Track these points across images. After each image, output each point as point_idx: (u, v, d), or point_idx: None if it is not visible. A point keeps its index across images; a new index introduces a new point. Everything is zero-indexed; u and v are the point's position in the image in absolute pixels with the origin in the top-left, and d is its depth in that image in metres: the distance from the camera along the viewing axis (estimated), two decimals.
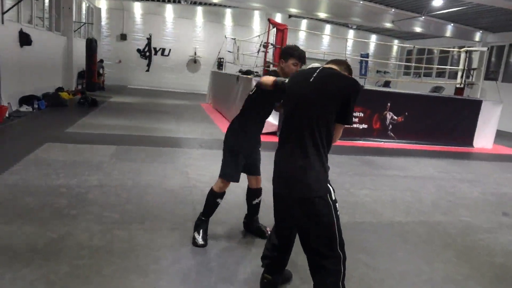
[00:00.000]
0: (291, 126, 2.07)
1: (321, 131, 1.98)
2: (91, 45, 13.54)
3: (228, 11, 19.02)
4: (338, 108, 1.98)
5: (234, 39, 13.28)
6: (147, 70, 18.74)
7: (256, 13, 19.21)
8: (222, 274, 2.67)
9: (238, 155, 3.10)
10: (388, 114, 9.21)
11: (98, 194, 3.92)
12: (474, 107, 9.85)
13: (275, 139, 2.56)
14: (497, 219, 4.41)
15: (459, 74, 10.28)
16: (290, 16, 17.45)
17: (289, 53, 2.86)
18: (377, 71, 20.75)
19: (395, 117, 9.24)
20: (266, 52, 8.79)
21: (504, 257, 3.41)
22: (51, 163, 4.82)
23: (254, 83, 8.42)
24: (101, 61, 16.38)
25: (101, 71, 15.44)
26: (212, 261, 2.84)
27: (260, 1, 13.65)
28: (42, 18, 11.11)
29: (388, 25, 15.42)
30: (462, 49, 10.50)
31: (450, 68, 14.68)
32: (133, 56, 18.51)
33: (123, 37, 18.14)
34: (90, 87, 13.60)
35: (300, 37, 19.88)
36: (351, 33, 20.48)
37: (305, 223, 2.05)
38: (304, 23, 19.64)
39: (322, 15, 14.66)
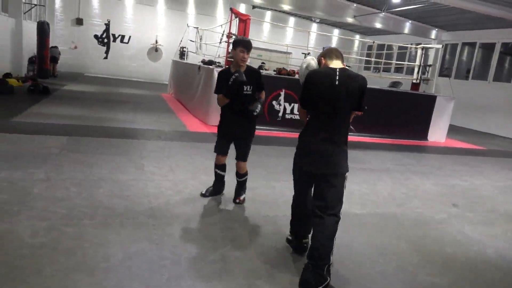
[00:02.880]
0: (322, 118, 2.67)
1: (345, 121, 2.67)
2: (43, 29, 12.72)
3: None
4: (354, 100, 2.63)
5: (197, 28, 12.97)
6: (105, 58, 17.93)
7: (220, 2, 18.89)
8: (175, 271, 2.57)
9: (218, 133, 3.92)
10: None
11: (44, 189, 3.66)
12: (429, 102, 10.27)
13: None
14: (447, 210, 4.60)
15: (416, 70, 10.64)
16: (254, 7, 17.30)
17: (236, 43, 3.64)
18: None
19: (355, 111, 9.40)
20: (228, 43, 8.62)
21: (453, 247, 3.54)
22: None
23: (215, 73, 8.26)
24: (56, 47, 15.48)
25: (57, 56, 14.61)
26: (165, 258, 2.73)
27: None
28: None
29: (350, 20, 15.66)
30: (418, 46, 10.85)
31: (407, 64, 15.18)
32: (90, 42, 17.62)
33: (79, 21, 17.22)
34: (42, 74, 12.81)
35: (264, 29, 19.79)
36: (314, 27, 20.65)
37: (323, 191, 2.66)
38: (268, 15, 19.56)
39: (286, 7, 14.63)
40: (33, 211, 3.16)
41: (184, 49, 16.54)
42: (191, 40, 13.92)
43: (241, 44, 3.56)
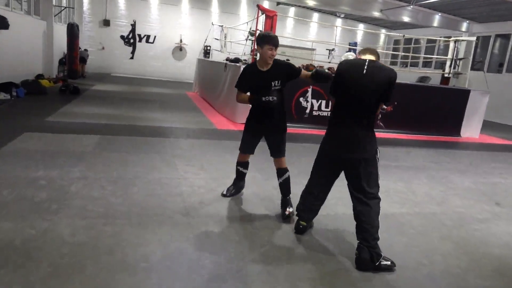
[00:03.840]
0: (351, 107, 2.77)
1: (372, 110, 2.75)
2: (73, 31, 13.02)
3: None
4: (382, 91, 2.71)
5: (222, 26, 12.97)
6: (131, 58, 18.24)
7: (244, 0, 18.84)
8: (215, 271, 2.53)
9: (245, 129, 3.70)
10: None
11: (81, 187, 3.70)
12: (462, 97, 9.87)
13: None
14: (490, 209, 4.38)
15: (448, 63, 10.26)
16: (278, 3, 17.15)
17: (263, 39, 3.31)
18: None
19: (385, 107, 9.17)
20: (254, 40, 8.55)
21: (500, 248, 3.35)
22: (30, 154, 4.56)
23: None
24: (85, 50, 15.86)
25: (86, 57, 14.97)
26: (204, 258, 2.69)
27: None
28: (20, 1, 10.60)
29: (376, 14, 15.29)
30: (451, 39, 10.46)
31: (436, 58, 14.70)
32: (116, 43, 17.96)
33: (106, 23, 17.57)
34: (71, 75, 13.13)
35: (287, 26, 19.63)
36: (338, 22, 20.31)
37: (358, 175, 2.79)
38: (292, 10, 19.38)
39: (311, 2, 14.42)
40: (72, 210, 3.19)
41: (208, 47, 16.61)
42: (215, 39, 13.94)
43: (269, 41, 3.29)
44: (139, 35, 18.15)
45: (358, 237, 2.80)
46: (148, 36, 18.27)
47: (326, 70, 3.63)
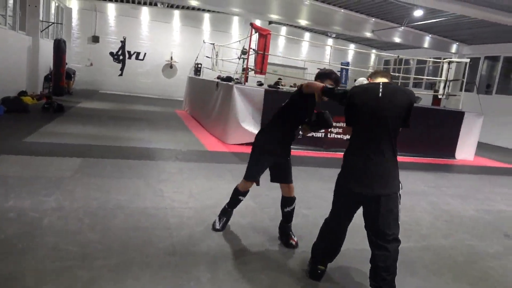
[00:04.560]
0: (368, 135, 2.48)
1: (394, 136, 2.46)
2: (59, 46, 12.68)
3: (207, 16, 18.52)
4: (404, 115, 2.46)
5: (213, 44, 12.78)
6: (120, 75, 17.90)
7: (235, 19, 18.80)
8: None
9: (262, 155, 3.31)
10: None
11: (55, 220, 3.31)
12: (457, 118, 9.75)
13: None
14: (500, 242, 4.09)
15: (441, 85, 10.17)
16: (270, 22, 17.14)
17: (326, 76, 3.10)
18: (355, 80, 20.76)
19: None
20: (248, 58, 8.34)
21: None
22: (1, 180, 4.15)
23: (235, 91, 7.95)
24: (69, 68, 15.49)
25: (72, 75, 14.60)
26: None
27: (240, 6, 13.24)
28: (5, 15, 10.26)
29: (368, 34, 15.33)
30: (444, 60, 10.41)
31: (429, 79, 14.71)
32: (105, 60, 17.63)
33: (95, 39, 17.27)
34: (57, 91, 12.71)
35: (279, 45, 19.61)
36: (330, 42, 20.38)
37: (378, 215, 2.46)
38: (283, 30, 19.39)
39: (303, 22, 14.39)
40: (41, 250, 2.79)
41: (199, 65, 16.40)
42: (207, 56, 13.74)
43: (332, 78, 3.07)
44: (129, 52, 17.88)
45: (372, 284, 2.48)
46: (138, 53, 18.00)
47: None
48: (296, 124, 3.28)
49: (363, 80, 2.84)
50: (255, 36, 8.50)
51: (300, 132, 3.38)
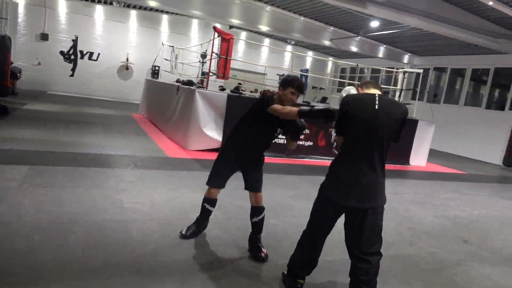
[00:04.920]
0: (361, 146, 2.40)
1: (385, 149, 2.42)
2: (4, 43, 11.69)
3: (165, 18, 18.04)
4: (398, 129, 2.44)
5: (173, 46, 12.44)
6: (72, 75, 16.93)
7: (195, 22, 18.48)
8: None
9: (221, 159, 3.28)
10: (333, 131, 9.05)
11: (1, 238, 2.94)
12: (411, 126, 10.16)
13: None
14: (460, 249, 4.23)
15: (397, 94, 10.58)
16: (231, 27, 17.02)
17: (288, 83, 3.02)
18: (313, 87, 21.18)
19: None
20: (210, 62, 8.16)
21: None
22: None
23: (197, 95, 7.71)
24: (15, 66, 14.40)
25: (18, 74, 13.55)
26: None
27: (201, 9, 13.01)
28: None
29: (326, 43, 15.70)
30: (400, 70, 10.85)
31: (387, 88, 15.28)
32: (55, 59, 16.58)
33: (44, 37, 16.20)
34: (1, 92, 11.72)
35: (239, 50, 19.54)
36: (289, 49, 20.64)
37: (363, 228, 2.41)
38: (243, 35, 19.36)
39: (264, 28, 14.43)
40: None
41: (157, 68, 15.92)
42: (166, 59, 13.36)
43: (294, 86, 3.01)
44: (81, 52, 16.96)
45: None
46: (92, 53, 17.12)
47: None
48: (262, 131, 3.18)
49: (350, 89, 2.75)
50: (218, 40, 8.34)
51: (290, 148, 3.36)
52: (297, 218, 4.34)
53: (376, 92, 2.54)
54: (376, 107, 2.39)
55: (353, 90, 2.72)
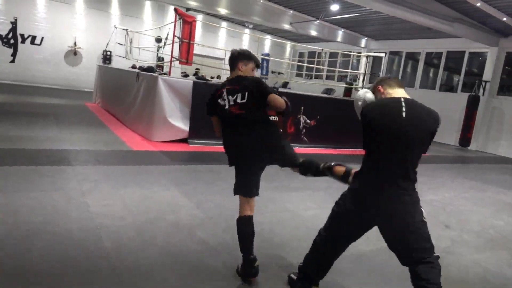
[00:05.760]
0: (389, 159, 2.10)
1: (415, 162, 2.12)
2: None
3: None
4: (430, 139, 2.14)
5: (126, 30, 11.60)
6: (12, 61, 15.41)
7: (148, 3, 17.45)
8: None
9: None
10: (301, 117, 8.91)
11: None
12: None
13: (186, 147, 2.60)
14: (444, 234, 4.22)
15: (361, 78, 10.62)
16: (187, 9, 16.22)
17: (250, 57, 2.87)
18: (272, 72, 21.01)
19: (308, 121, 9.00)
20: (172, 46, 7.61)
21: (481, 284, 3.09)
22: None
23: (160, 83, 7.18)
24: None
25: None
26: None
27: None
28: None
29: (286, 26, 15.46)
30: (362, 54, 10.88)
31: (351, 72, 15.35)
32: None
33: None
34: None
35: (196, 34, 18.77)
36: (247, 32, 20.20)
37: (407, 242, 2.20)
38: (199, 18, 18.60)
39: (223, 11, 13.90)
40: None
41: (108, 52, 14.90)
42: (119, 43, 12.47)
43: (254, 61, 2.85)
44: (22, 35, 15.44)
45: None
46: (34, 37, 15.63)
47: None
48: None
49: (365, 94, 2.35)
50: (179, 23, 7.80)
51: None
52: (283, 214, 4.11)
53: (402, 93, 2.21)
54: (404, 115, 2.06)
55: (368, 95, 2.33)
